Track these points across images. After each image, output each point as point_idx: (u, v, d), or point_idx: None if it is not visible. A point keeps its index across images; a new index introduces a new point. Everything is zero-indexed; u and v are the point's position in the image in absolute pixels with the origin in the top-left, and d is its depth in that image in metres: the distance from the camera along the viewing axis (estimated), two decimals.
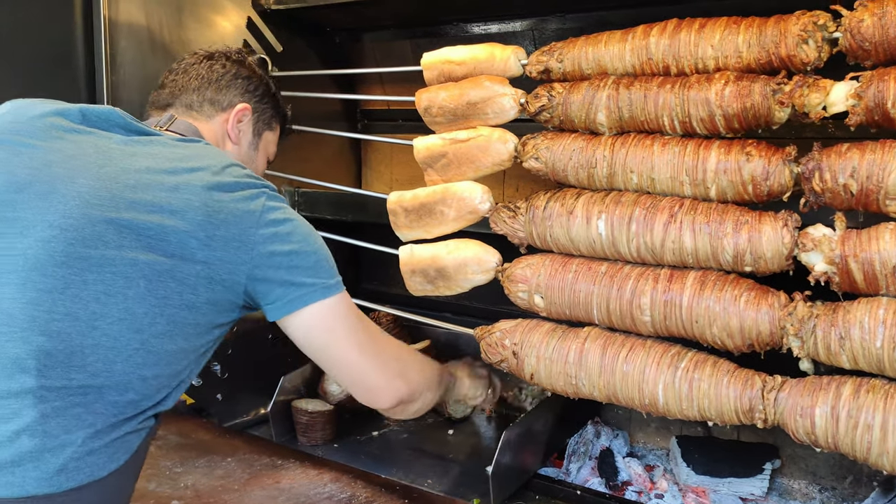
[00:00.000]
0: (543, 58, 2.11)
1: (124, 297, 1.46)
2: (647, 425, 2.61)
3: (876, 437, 1.60)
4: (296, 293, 1.64)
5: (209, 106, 1.97)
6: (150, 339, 1.49)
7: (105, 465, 1.45)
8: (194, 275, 1.52)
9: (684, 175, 1.86)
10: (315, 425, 2.60)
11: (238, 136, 2.01)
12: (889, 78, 1.63)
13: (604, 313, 1.95)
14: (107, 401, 1.46)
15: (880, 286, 1.65)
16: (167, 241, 1.50)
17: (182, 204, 1.53)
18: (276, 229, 1.61)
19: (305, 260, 1.65)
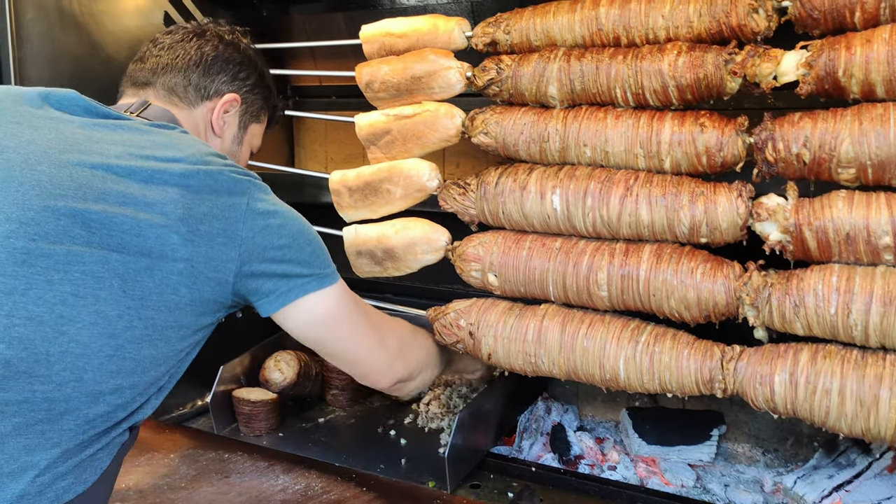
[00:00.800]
0: (490, 29, 2.06)
1: (95, 299, 1.32)
2: (595, 399, 2.62)
3: (834, 402, 1.63)
4: (289, 285, 1.55)
5: (194, 91, 1.78)
6: (125, 344, 1.35)
7: (70, 487, 1.31)
8: (175, 273, 1.39)
9: (638, 148, 1.85)
10: (258, 415, 2.51)
11: (222, 129, 1.84)
12: (840, 46, 1.65)
13: (560, 289, 1.93)
14: (75, 415, 1.31)
15: (833, 253, 1.68)
16: (143, 236, 1.36)
17: (158, 196, 1.39)
18: (267, 222, 1.49)
19: (299, 253, 1.55)
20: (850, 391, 1.61)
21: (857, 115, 1.63)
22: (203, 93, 1.79)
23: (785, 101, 1.97)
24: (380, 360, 1.78)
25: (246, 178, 1.51)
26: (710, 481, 2.24)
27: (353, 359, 1.76)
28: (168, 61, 1.77)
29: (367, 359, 1.76)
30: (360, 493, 1.94)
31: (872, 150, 1.60)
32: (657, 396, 2.50)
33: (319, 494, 1.93)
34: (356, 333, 1.70)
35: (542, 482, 2.18)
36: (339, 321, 1.65)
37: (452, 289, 2.77)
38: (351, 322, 1.67)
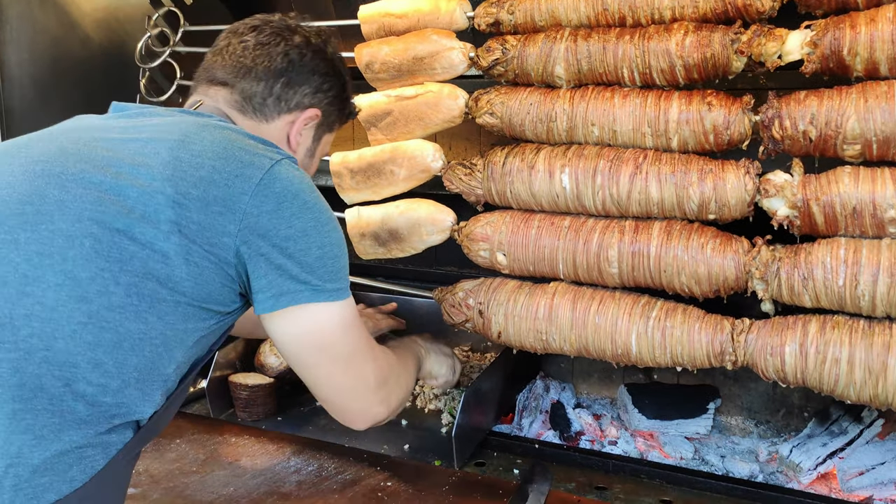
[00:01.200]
0: (493, 10, 2.07)
1: (63, 258, 1.21)
2: (590, 376, 2.66)
3: (843, 371, 1.69)
4: (284, 287, 1.38)
5: (274, 103, 1.63)
6: (101, 311, 1.22)
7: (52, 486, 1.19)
8: (162, 238, 1.26)
9: (646, 126, 1.88)
10: (256, 400, 2.48)
11: (298, 143, 1.70)
12: (844, 26, 1.70)
13: (570, 267, 1.96)
14: (50, 393, 1.19)
15: (839, 227, 1.73)
16: (124, 195, 1.26)
17: (147, 159, 1.30)
18: (279, 204, 1.36)
19: (305, 253, 1.39)
20: (859, 359, 1.67)
21: (863, 93, 1.68)
22: (283, 106, 1.65)
23: (776, 83, 2.03)
24: (362, 400, 1.59)
25: (272, 155, 1.40)
26: (707, 453, 2.30)
27: (334, 393, 1.56)
28: (251, 65, 1.61)
29: (350, 397, 1.57)
30: (374, 473, 1.95)
31: (878, 126, 1.66)
32: (652, 372, 2.55)
33: (334, 475, 1.94)
34: (346, 370, 1.51)
35: (545, 458, 2.21)
36: (331, 350, 1.47)
37: (445, 271, 2.80)
38: (344, 355, 1.50)
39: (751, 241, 1.83)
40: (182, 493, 1.85)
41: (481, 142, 2.64)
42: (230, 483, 1.90)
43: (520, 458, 2.23)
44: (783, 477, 2.16)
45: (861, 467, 2.08)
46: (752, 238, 1.84)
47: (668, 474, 2.11)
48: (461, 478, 1.95)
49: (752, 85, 2.14)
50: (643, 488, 2.06)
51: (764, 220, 1.83)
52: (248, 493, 1.86)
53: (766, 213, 1.82)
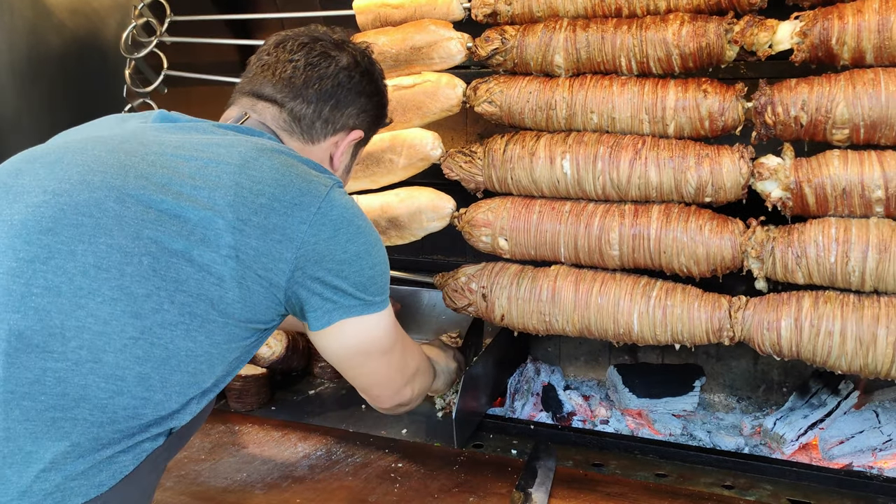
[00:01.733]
0: (490, 0, 2.11)
1: (120, 274, 1.22)
2: (577, 359, 2.73)
3: (836, 342, 1.79)
4: (336, 305, 1.44)
5: (322, 126, 1.64)
6: (153, 327, 1.24)
7: (81, 490, 1.20)
8: (219, 262, 1.28)
9: (644, 113, 1.95)
10: (249, 390, 2.49)
11: (340, 163, 1.72)
12: (833, 16, 1.79)
13: (571, 250, 2.02)
14: (92, 404, 1.19)
15: (830, 207, 1.83)
16: (184, 218, 1.27)
17: (209, 182, 1.31)
18: (336, 232, 1.40)
19: (359, 274, 1.45)
20: (851, 331, 1.77)
21: (850, 80, 1.78)
22: (330, 128, 1.66)
23: (756, 72, 2.13)
24: (394, 387, 1.71)
25: (325, 180, 1.43)
26: (694, 429, 2.40)
27: (371, 384, 1.68)
28: (301, 86, 1.61)
29: (384, 385, 1.69)
30: (383, 455, 1.98)
31: (865, 111, 1.76)
32: (638, 353, 2.64)
33: (344, 459, 1.97)
34: (386, 365, 1.63)
35: (540, 438, 2.27)
36: (373, 351, 1.56)
37: (432, 259, 2.84)
38: (386, 354, 1.60)
39: (745, 223, 1.92)
40: (195, 480, 1.86)
41: (468, 131, 2.68)
42: (242, 469, 1.92)
43: (515, 440, 2.29)
44: (767, 449, 2.27)
45: (841, 436, 2.20)
46: (745, 220, 1.93)
47: (660, 449, 2.19)
48: (469, 457, 2.00)
49: (733, 74, 2.24)
50: (638, 464, 2.13)
51: (756, 202, 1.93)
52: (261, 478, 1.87)
53: (758, 196, 1.91)
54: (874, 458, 2.13)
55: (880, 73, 1.76)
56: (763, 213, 1.91)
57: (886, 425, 2.16)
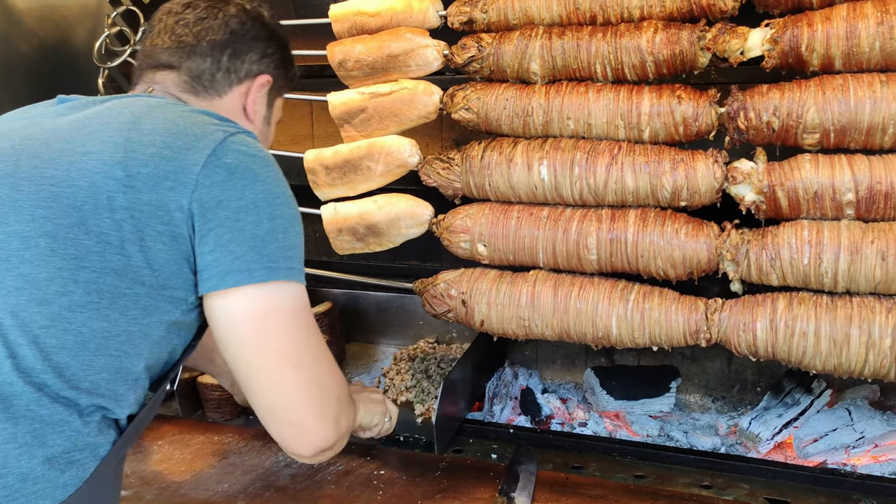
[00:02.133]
0: (466, 8, 2.13)
1: (20, 261, 1.16)
2: (553, 362, 2.75)
3: (810, 343, 1.83)
4: (232, 265, 1.25)
5: (224, 77, 1.56)
6: (62, 312, 1.17)
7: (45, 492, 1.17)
8: (116, 227, 1.19)
9: (619, 119, 1.98)
10: (228, 399, 2.46)
11: (254, 112, 1.63)
12: (802, 24, 1.83)
13: (549, 256, 2.04)
14: (24, 399, 1.16)
15: (802, 210, 1.87)
16: (76, 186, 1.20)
17: (98, 144, 1.24)
18: (231, 176, 1.27)
19: (256, 226, 1.27)
20: (825, 332, 1.81)
21: (820, 86, 1.82)
22: (233, 77, 1.58)
23: (727, 77, 2.18)
24: (314, 412, 1.33)
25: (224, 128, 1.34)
26: (671, 430, 2.43)
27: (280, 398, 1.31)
28: (193, 41, 1.54)
29: (300, 404, 1.32)
30: (365, 463, 1.98)
31: (835, 116, 1.80)
32: (614, 356, 2.66)
33: (326, 467, 1.96)
34: (297, 367, 1.30)
35: (520, 442, 2.29)
36: (279, 338, 1.29)
37: (407, 265, 2.85)
38: (294, 347, 1.30)
39: (720, 226, 1.95)
40: (176, 492, 1.85)
41: (443, 137, 2.70)
42: (223, 480, 1.90)
43: (495, 444, 2.30)
44: (743, 448, 2.30)
45: (815, 434, 2.24)
46: (720, 223, 1.96)
47: (638, 451, 2.22)
48: (451, 462, 2.01)
49: (706, 80, 2.27)
50: (617, 465, 2.16)
51: (730, 205, 1.96)
52: (243, 488, 1.86)
53: (732, 199, 1.95)
54: (847, 455, 2.17)
55: (849, 78, 1.81)
56: (737, 217, 1.95)
57: (859, 423, 2.21)
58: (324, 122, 2.86)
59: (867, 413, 2.25)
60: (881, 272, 1.77)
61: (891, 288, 1.79)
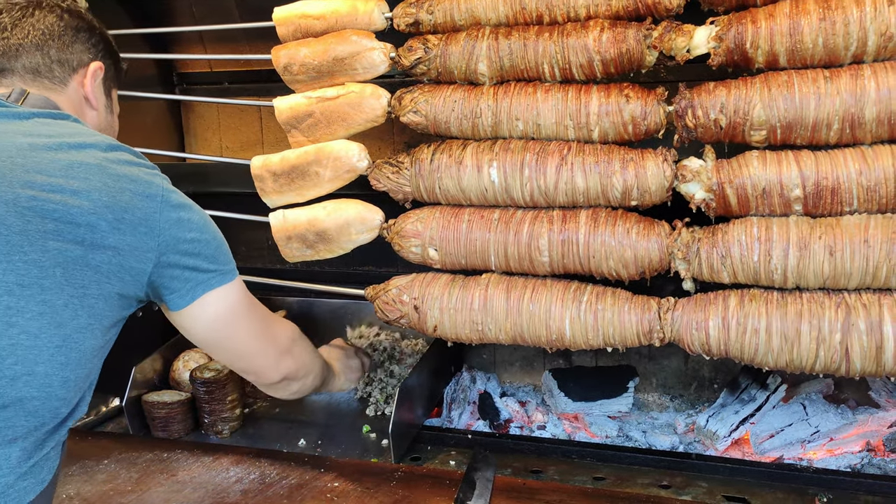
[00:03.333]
0: (411, 10, 2.10)
1: (41, 288, 1.29)
2: (512, 365, 2.73)
3: (762, 339, 1.82)
4: (197, 280, 1.56)
5: (59, 68, 1.67)
6: (72, 334, 1.34)
7: (32, 487, 1.30)
8: (106, 262, 1.39)
9: (568, 119, 1.96)
10: (175, 417, 2.39)
11: (96, 100, 1.75)
12: (746, 21, 1.83)
13: (501, 258, 2.02)
14: (28, 411, 1.29)
15: (751, 207, 1.87)
16: (76, 223, 1.34)
17: (82, 184, 1.37)
18: (179, 215, 1.51)
19: (207, 247, 1.57)
20: (776, 328, 1.81)
21: (766, 83, 1.82)
22: (67, 67, 1.68)
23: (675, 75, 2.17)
24: (271, 355, 1.81)
25: (153, 171, 1.53)
26: (630, 429, 2.42)
27: (247, 355, 1.78)
28: (19, 42, 1.62)
29: (260, 354, 1.79)
30: (319, 475, 1.94)
31: (781, 112, 1.80)
32: (572, 357, 2.65)
33: (278, 481, 1.92)
34: (253, 331, 1.73)
35: (479, 448, 2.26)
36: (238, 318, 1.67)
37: (364, 271, 2.81)
38: (249, 319, 1.71)
39: (671, 225, 1.94)
40: None
41: (395, 140, 2.67)
42: (171, 499, 1.85)
43: (453, 450, 2.28)
44: (701, 446, 2.30)
45: (771, 430, 2.25)
46: (671, 222, 1.95)
47: (597, 452, 2.21)
48: (406, 472, 1.98)
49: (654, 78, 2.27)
50: (576, 468, 2.15)
51: (680, 204, 1.95)
52: None
53: (682, 198, 1.94)
54: (803, 449, 2.18)
55: (793, 75, 1.81)
56: (688, 215, 1.94)
57: (814, 417, 2.22)
58: (273, 127, 2.81)
59: (822, 407, 2.26)
60: (829, 267, 1.77)
61: (839, 283, 1.79)
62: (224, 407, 2.39)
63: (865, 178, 1.76)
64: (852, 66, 1.78)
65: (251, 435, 2.41)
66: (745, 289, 1.89)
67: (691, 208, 1.91)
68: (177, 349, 2.63)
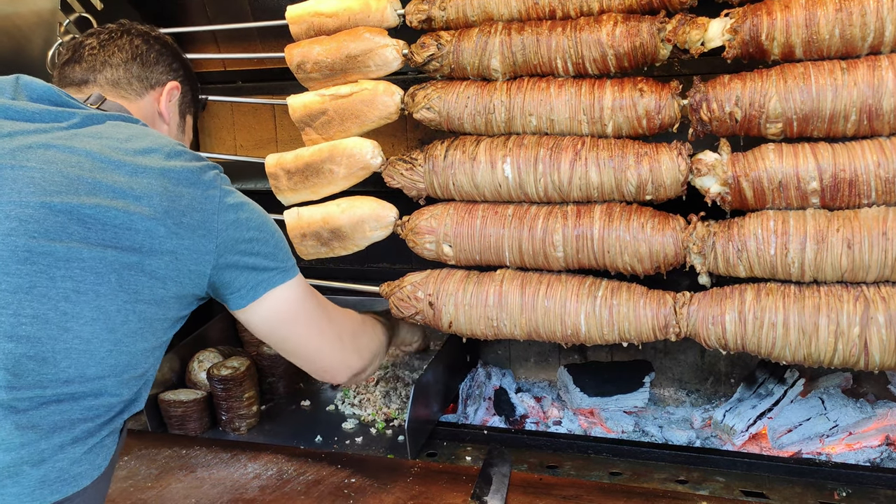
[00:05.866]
0: (424, 6, 2.10)
1: (96, 295, 1.34)
2: (527, 361, 2.73)
3: (779, 334, 1.81)
4: (258, 279, 1.58)
5: (138, 83, 1.78)
6: (123, 338, 1.38)
7: (88, 473, 1.35)
8: (163, 267, 1.42)
9: (582, 114, 1.95)
10: (191, 416, 2.41)
11: (169, 116, 1.85)
12: (762, 13, 1.82)
13: (516, 254, 2.01)
14: (83, 406, 1.35)
15: (767, 200, 1.86)
16: (135, 230, 1.38)
17: (144, 189, 1.41)
18: (237, 215, 1.53)
19: (265, 245, 1.59)
20: (793, 322, 1.80)
21: (782, 75, 1.81)
22: (146, 83, 1.80)
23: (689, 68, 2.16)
24: (337, 354, 1.82)
25: (214, 171, 1.55)
26: (646, 424, 2.41)
27: (313, 354, 1.78)
28: (105, 59, 1.76)
29: (326, 353, 1.79)
30: (336, 471, 1.95)
31: (797, 104, 1.79)
32: (587, 352, 2.64)
33: (295, 477, 1.93)
34: (316, 328, 1.73)
35: (494, 443, 2.26)
36: (301, 315, 1.68)
37: (378, 267, 2.81)
38: (312, 315, 1.71)
39: (686, 219, 1.93)
40: None
41: (408, 137, 2.67)
42: (190, 495, 1.86)
43: (469, 446, 2.28)
44: (718, 441, 2.29)
45: (789, 425, 2.23)
46: (686, 216, 1.94)
47: (613, 448, 2.20)
48: (423, 468, 1.98)
49: (668, 72, 2.26)
50: (592, 463, 2.14)
51: (695, 198, 1.94)
52: (210, 502, 1.82)
53: (697, 192, 1.93)
54: (822, 444, 2.17)
55: (810, 66, 1.79)
56: (703, 209, 1.93)
57: (832, 411, 2.21)
58: (287, 126, 2.82)
59: (840, 401, 2.25)
60: (847, 260, 1.76)
61: (857, 276, 1.78)
62: (241, 404, 2.41)
63: (884, 169, 1.74)
64: (869, 57, 1.77)
65: (268, 431, 2.43)
66: (761, 283, 1.88)
67: (706, 202, 1.90)
68: (192, 349, 2.65)
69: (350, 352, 1.85)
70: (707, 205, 1.93)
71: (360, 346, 1.90)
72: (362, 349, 1.91)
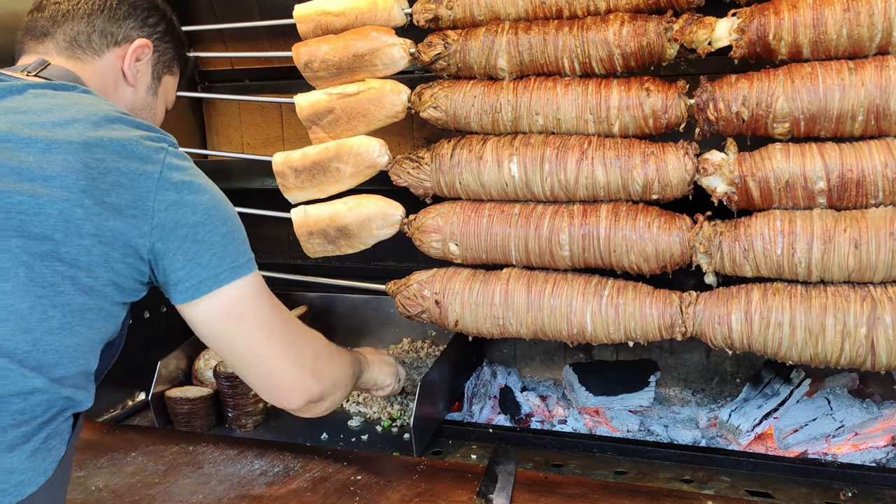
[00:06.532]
0: (431, 5, 2.10)
1: (2, 293, 1.21)
2: (532, 360, 2.74)
3: (786, 333, 1.81)
4: (202, 274, 1.40)
5: (99, 38, 1.60)
6: (44, 336, 1.24)
7: (32, 479, 1.25)
8: (84, 253, 1.27)
9: (588, 114, 1.96)
10: (198, 413, 2.42)
11: (135, 77, 1.67)
12: (769, 13, 1.82)
13: (522, 253, 2.02)
14: (10, 411, 1.23)
15: (774, 200, 1.86)
16: (44, 214, 1.24)
17: (57, 167, 1.26)
18: (180, 196, 1.37)
19: (212, 233, 1.41)
20: (800, 322, 1.80)
21: (789, 75, 1.81)
22: (110, 39, 1.62)
23: (697, 69, 2.16)
24: (293, 373, 1.57)
25: (159, 145, 1.39)
26: (651, 424, 2.41)
27: (264, 368, 1.54)
28: (69, 8, 1.60)
29: (280, 370, 1.55)
30: (342, 468, 1.95)
31: (805, 104, 1.79)
32: (593, 351, 2.64)
33: (301, 473, 1.93)
34: (270, 337, 1.51)
35: (500, 442, 2.26)
36: (251, 319, 1.48)
37: (383, 265, 2.82)
38: (265, 322, 1.50)
39: (692, 218, 1.93)
40: None
41: (415, 136, 2.67)
42: (197, 491, 1.87)
43: (475, 444, 2.28)
44: (723, 440, 2.29)
45: (795, 425, 2.23)
46: (692, 215, 1.94)
47: (618, 447, 2.20)
48: (428, 466, 1.98)
49: (674, 71, 2.26)
50: (597, 462, 2.15)
51: (702, 197, 1.94)
52: (217, 499, 1.83)
53: (703, 191, 1.93)
54: (828, 444, 2.17)
55: (817, 66, 1.79)
56: (709, 209, 1.93)
57: (838, 412, 2.20)
58: (294, 124, 2.83)
59: (847, 401, 2.25)
60: (854, 260, 1.76)
61: (864, 276, 1.78)
62: (248, 401, 2.41)
63: (891, 170, 1.74)
64: (877, 57, 1.77)
65: (274, 428, 2.43)
66: (768, 282, 1.88)
67: (713, 202, 1.90)
68: (199, 346, 2.66)
69: (309, 374, 1.59)
70: (713, 204, 1.93)
71: (321, 370, 1.64)
72: (323, 374, 1.64)
